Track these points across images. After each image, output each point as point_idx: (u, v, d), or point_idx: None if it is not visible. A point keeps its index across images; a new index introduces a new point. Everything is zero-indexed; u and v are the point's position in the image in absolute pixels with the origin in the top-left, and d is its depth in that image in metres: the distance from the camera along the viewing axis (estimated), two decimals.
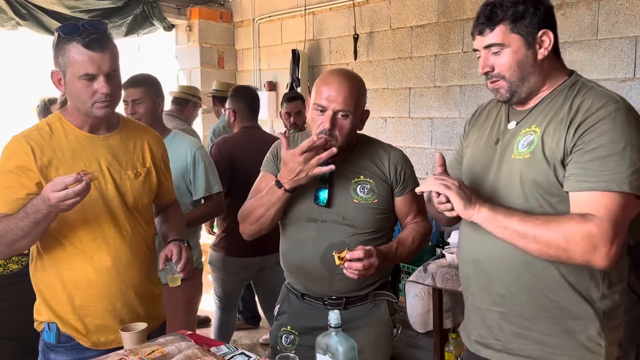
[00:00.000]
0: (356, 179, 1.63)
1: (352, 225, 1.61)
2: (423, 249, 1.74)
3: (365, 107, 1.65)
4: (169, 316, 1.85)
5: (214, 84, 4.13)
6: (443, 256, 2.73)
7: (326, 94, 1.54)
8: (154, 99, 2.31)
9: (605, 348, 1.29)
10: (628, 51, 2.76)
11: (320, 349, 1.25)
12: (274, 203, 1.59)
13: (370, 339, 1.67)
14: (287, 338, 1.72)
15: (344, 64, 4.10)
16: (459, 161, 1.56)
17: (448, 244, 2.91)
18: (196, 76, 4.87)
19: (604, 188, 1.18)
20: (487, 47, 1.31)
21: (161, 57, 5.25)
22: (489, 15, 1.29)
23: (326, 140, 1.51)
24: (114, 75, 1.51)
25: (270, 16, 4.64)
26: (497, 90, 1.34)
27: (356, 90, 1.56)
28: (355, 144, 1.68)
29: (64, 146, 1.53)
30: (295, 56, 4.22)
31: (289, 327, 1.72)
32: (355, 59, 3.96)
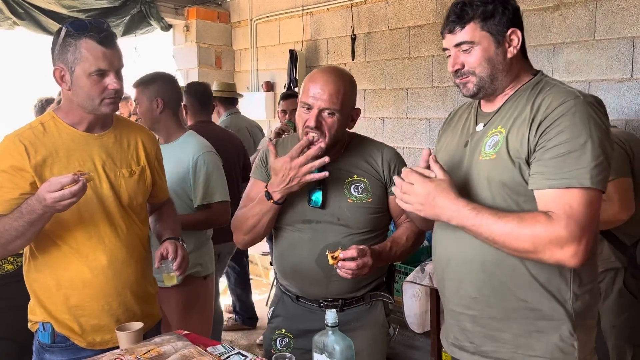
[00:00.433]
0: (350, 179, 1.62)
1: (347, 225, 1.60)
2: (417, 248, 1.73)
3: (356, 105, 1.63)
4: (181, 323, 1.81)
5: (214, 85, 4.12)
6: None
7: (312, 92, 1.52)
8: (150, 99, 2.25)
9: (578, 349, 1.27)
10: (625, 52, 2.76)
11: (317, 348, 1.24)
12: (266, 212, 1.57)
13: (367, 340, 1.66)
14: (281, 341, 1.70)
15: (342, 64, 4.09)
16: None
17: None
18: (193, 76, 4.85)
19: (565, 185, 1.17)
20: (458, 45, 1.31)
21: (158, 58, 5.25)
22: (460, 14, 1.30)
23: (309, 141, 1.49)
24: (121, 73, 1.53)
25: (267, 16, 4.64)
26: (464, 85, 1.34)
27: (343, 88, 1.54)
28: (348, 143, 1.67)
29: (58, 145, 1.52)
30: (293, 56, 4.21)
31: (283, 330, 1.70)
32: (353, 59, 3.96)
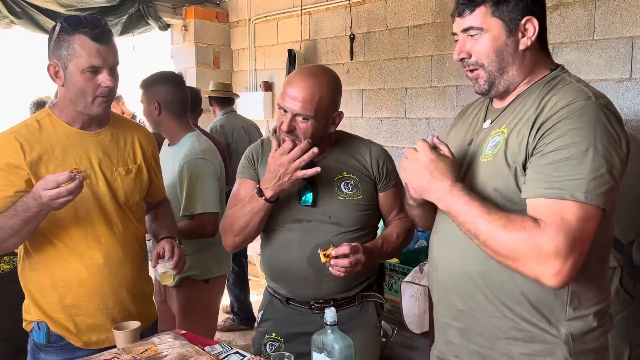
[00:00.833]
0: (339, 175, 1.60)
1: (338, 223, 1.57)
2: (407, 245, 1.73)
3: (339, 107, 1.58)
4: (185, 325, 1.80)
5: (211, 85, 4.11)
6: None
7: (288, 95, 1.49)
8: (149, 101, 2.21)
9: None
10: (624, 52, 2.75)
11: (316, 347, 1.23)
12: (257, 211, 1.53)
13: (360, 341, 1.62)
14: (271, 346, 1.67)
15: (340, 64, 4.09)
16: None
17: None
18: (192, 76, 4.84)
19: (556, 195, 1.03)
20: (465, 30, 1.19)
21: (156, 57, 5.24)
22: None
23: (293, 142, 1.46)
24: (116, 70, 1.51)
25: (266, 16, 4.63)
26: (476, 80, 1.22)
27: (319, 94, 1.48)
28: (335, 140, 1.65)
29: (54, 142, 1.50)
30: (292, 56, 4.20)
31: (273, 334, 1.67)
32: (352, 59, 3.95)
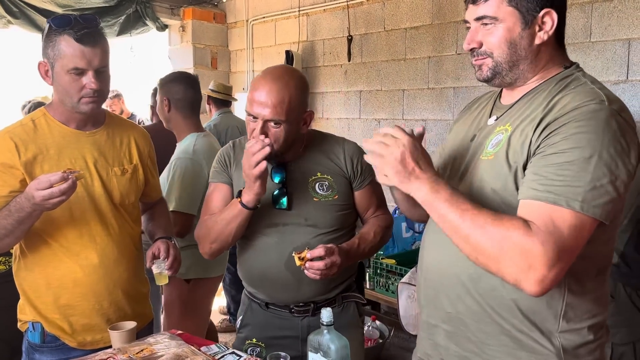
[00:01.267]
0: (314, 177, 1.57)
1: (314, 225, 1.55)
2: (386, 242, 1.70)
3: (308, 107, 1.55)
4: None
5: (211, 84, 4.11)
6: None
7: (257, 102, 1.44)
8: (161, 99, 2.33)
9: None
10: (621, 54, 2.76)
11: (312, 347, 1.23)
12: (234, 217, 1.48)
13: None
14: (252, 352, 1.64)
15: (338, 65, 4.09)
16: (438, 161, 1.36)
17: None
18: None
19: (551, 200, 0.97)
20: (478, 19, 1.11)
21: (154, 58, 5.23)
22: None
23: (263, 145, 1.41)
24: (103, 72, 1.49)
25: (264, 17, 4.63)
26: (479, 67, 1.15)
27: (288, 97, 1.44)
28: (308, 141, 1.62)
29: (49, 142, 1.50)
30: (289, 57, 4.20)
31: (254, 340, 1.64)
32: (349, 60, 3.96)
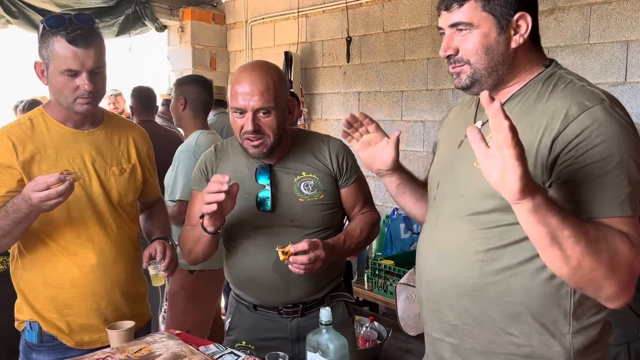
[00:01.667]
0: (299, 177, 1.54)
1: (301, 226, 1.52)
2: (372, 239, 1.68)
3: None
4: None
5: None
6: None
7: (241, 94, 1.42)
8: (177, 98, 2.52)
9: None
10: (619, 55, 2.77)
11: (311, 346, 1.23)
12: (199, 237, 1.47)
13: None
14: (241, 354, 1.63)
15: (337, 66, 4.09)
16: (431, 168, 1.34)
17: None
18: None
19: (624, 213, 0.97)
20: (453, 25, 1.10)
21: (153, 58, 5.23)
22: None
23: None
24: (98, 72, 1.47)
25: (263, 18, 4.63)
26: (457, 75, 1.13)
27: (272, 83, 1.43)
28: (293, 139, 1.59)
29: (47, 141, 1.49)
30: (288, 58, 4.20)
31: (243, 343, 1.61)
32: (348, 61, 3.96)
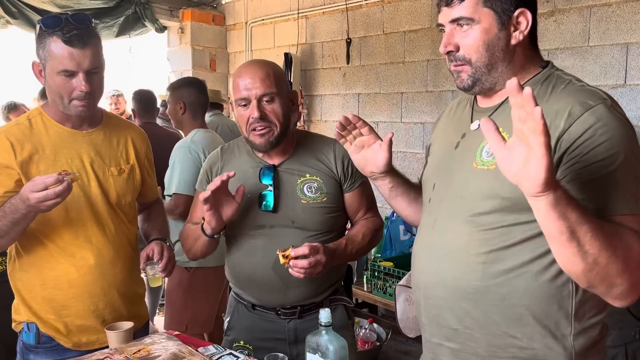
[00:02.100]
0: (302, 178, 1.55)
1: (302, 227, 1.52)
2: (375, 245, 1.68)
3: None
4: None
5: None
6: None
7: (243, 85, 1.47)
8: (175, 102, 2.60)
9: None
10: (619, 58, 2.77)
11: (311, 348, 1.22)
12: (197, 238, 1.52)
13: None
14: (240, 355, 1.63)
15: (337, 68, 4.09)
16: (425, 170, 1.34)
17: None
18: None
19: (629, 210, 0.97)
20: (454, 21, 1.10)
21: (153, 59, 5.23)
22: None
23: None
24: (95, 73, 1.46)
25: (263, 19, 4.63)
26: (458, 75, 1.13)
27: (272, 71, 1.50)
28: (298, 141, 1.61)
29: (45, 141, 1.49)
30: (288, 60, 4.20)
31: (241, 343, 1.61)
32: (348, 63, 3.96)
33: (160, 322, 3.03)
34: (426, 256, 1.20)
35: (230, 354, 1.39)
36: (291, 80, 4.18)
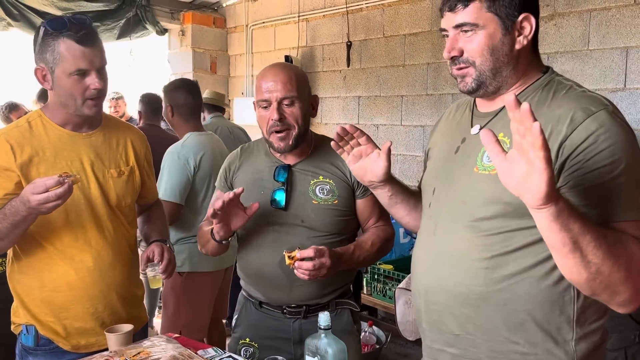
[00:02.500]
0: (315, 180, 1.58)
1: (311, 227, 1.55)
2: (384, 254, 1.67)
3: (312, 93, 1.62)
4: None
5: (206, 92, 4.12)
6: None
7: (265, 87, 1.51)
8: (165, 105, 2.59)
9: None
10: (619, 62, 2.78)
11: (310, 351, 1.22)
12: (209, 239, 1.55)
13: None
14: (246, 352, 1.63)
15: (337, 70, 4.10)
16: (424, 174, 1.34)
17: None
18: None
19: (632, 217, 0.97)
20: (458, 26, 1.09)
21: (153, 62, 5.24)
22: None
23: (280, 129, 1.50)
24: (104, 71, 1.49)
25: (263, 22, 4.64)
26: (462, 78, 1.13)
27: (294, 75, 1.53)
28: (315, 144, 1.64)
29: (45, 144, 1.49)
30: (288, 62, 4.22)
31: (247, 340, 1.63)
32: (348, 66, 3.97)
33: (159, 324, 3.03)
34: (427, 261, 1.19)
35: (230, 357, 1.39)
36: None
